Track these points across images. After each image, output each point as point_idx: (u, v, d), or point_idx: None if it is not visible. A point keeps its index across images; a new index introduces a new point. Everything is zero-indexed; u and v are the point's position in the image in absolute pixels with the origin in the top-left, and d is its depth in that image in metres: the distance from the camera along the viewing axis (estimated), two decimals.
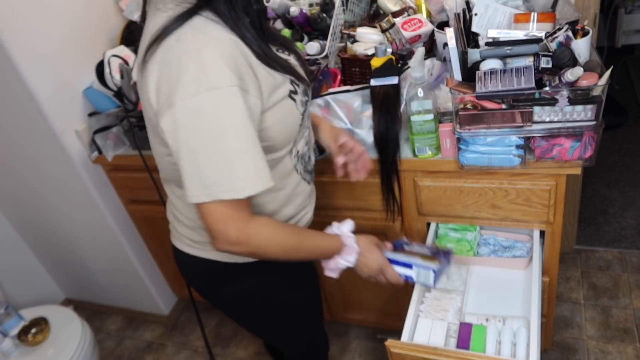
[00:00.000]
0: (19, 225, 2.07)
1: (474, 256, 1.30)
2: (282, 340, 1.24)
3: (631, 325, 1.71)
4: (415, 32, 1.35)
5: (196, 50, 0.73)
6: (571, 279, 1.94)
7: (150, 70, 0.78)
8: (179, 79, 0.73)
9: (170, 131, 0.76)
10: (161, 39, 0.76)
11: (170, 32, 0.76)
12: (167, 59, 0.75)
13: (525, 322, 1.12)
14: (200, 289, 1.10)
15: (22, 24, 1.41)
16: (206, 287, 1.08)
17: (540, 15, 1.10)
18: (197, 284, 1.10)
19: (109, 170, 1.71)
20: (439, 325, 1.14)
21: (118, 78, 1.52)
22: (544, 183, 1.16)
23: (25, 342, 1.62)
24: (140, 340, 2.15)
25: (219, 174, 0.76)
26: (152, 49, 0.77)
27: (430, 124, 1.14)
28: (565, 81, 0.97)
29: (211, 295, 1.09)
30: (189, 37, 0.75)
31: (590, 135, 1.02)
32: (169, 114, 0.75)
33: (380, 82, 1.18)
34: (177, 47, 0.75)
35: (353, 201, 1.40)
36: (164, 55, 0.76)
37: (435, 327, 1.14)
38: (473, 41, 1.17)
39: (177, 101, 0.73)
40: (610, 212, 2.19)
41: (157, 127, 0.80)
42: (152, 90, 0.78)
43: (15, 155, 1.72)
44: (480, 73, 1.05)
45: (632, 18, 2.92)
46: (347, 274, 1.68)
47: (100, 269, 2.06)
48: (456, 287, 1.25)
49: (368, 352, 1.84)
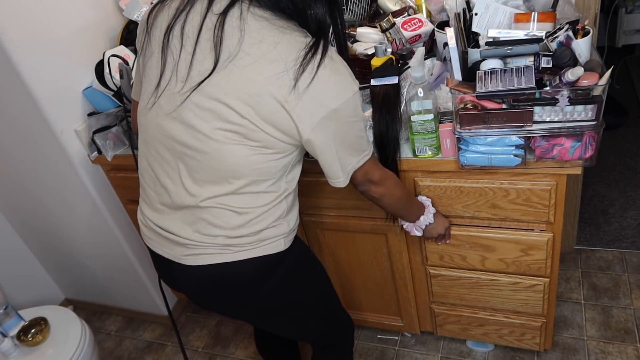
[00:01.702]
0: (19, 225, 2.07)
1: None
2: (316, 321, 1.27)
3: (631, 326, 1.71)
4: (416, 32, 1.35)
5: (341, 67, 0.90)
6: (571, 279, 1.94)
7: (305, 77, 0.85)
8: (337, 87, 0.88)
9: (323, 132, 0.90)
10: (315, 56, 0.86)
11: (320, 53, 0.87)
12: (326, 75, 0.86)
13: None
14: (239, 297, 1.09)
15: (22, 23, 1.40)
16: (251, 290, 1.08)
17: (541, 15, 1.10)
18: (238, 290, 1.08)
19: (109, 170, 1.71)
20: None
21: (118, 78, 1.52)
22: (544, 183, 1.16)
23: (25, 343, 1.62)
24: (140, 340, 2.15)
25: (361, 147, 0.99)
26: (305, 63, 0.85)
27: (430, 123, 1.14)
28: (565, 81, 0.97)
29: (255, 296, 1.09)
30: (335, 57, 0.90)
31: (590, 135, 1.02)
32: (326, 118, 0.88)
33: (380, 82, 1.18)
34: (330, 66, 0.87)
35: (353, 201, 1.40)
36: (325, 70, 0.86)
37: None
38: (473, 41, 1.17)
39: (336, 105, 0.88)
40: (610, 212, 2.19)
41: (293, 124, 0.88)
42: (302, 93, 0.86)
43: (15, 155, 1.72)
44: (480, 73, 1.05)
45: (633, 18, 2.92)
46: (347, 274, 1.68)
47: (100, 269, 2.06)
48: None
49: (368, 352, 1.84)
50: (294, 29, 0.88)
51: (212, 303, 1.15)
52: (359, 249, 1.55)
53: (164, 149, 0.96)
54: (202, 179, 0.95)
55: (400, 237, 1.44)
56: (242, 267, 1.02)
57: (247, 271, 1.04)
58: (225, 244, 1.00)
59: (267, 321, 1.22)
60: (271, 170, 0.96)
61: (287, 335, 1.41)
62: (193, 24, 0.88)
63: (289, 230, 1.06)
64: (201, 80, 0.87)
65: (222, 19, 0.86)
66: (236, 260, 1.02)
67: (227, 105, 0.87)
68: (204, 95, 0.88)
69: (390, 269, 1.56)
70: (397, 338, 1.86)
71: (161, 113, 0.93)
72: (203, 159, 0.93)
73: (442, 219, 1.30)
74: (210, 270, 1.02)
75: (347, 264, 1.62)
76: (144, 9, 1.60)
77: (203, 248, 1.01)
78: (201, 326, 2.13)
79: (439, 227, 1.29)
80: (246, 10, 0.86)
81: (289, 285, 1.11)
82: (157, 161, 0.99)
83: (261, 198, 0.98)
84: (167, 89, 0.91)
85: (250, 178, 0.95)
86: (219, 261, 1.02)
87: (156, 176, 1.00)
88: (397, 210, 1.21)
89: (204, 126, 0.89)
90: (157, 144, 0.97)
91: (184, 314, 2.21)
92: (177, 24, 0.90)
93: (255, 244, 1.02)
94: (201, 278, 1.05)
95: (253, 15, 0.86)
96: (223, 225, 0.99)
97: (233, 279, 1.04)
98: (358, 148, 0.98)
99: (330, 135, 0.91)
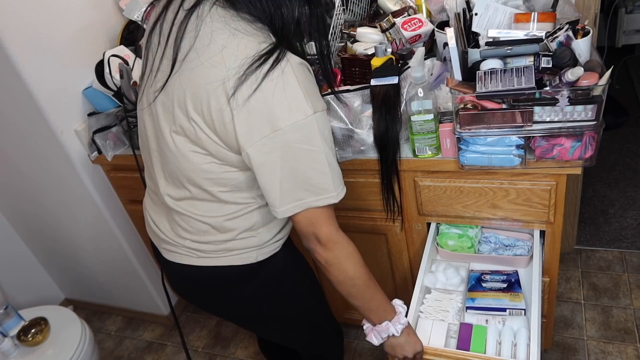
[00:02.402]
0: (19, 225, 2.07)
1: (474, 254, 1.30)
2: (299, 333, 1.25)
3: (631, 326, 1.71)
4: (416, 32, 1.35)
5: (297, 79, 0.79)
6: (571, 279, 1.94)
7: (246, 94, 0.78)
8: (283, 106, 0.78)
9: (264, 152, 0.80)
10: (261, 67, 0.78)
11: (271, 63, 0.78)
12: (269, 88, 0.78)
13: (525, 323, 1.12)
14: (213, 299, 1.10)
15: (22, 23, 1.40)
16: (221, 295, 1.07)
17: (541, 15, 1.10)
18: (211, 294, 1.08)
19: (109, 170, 1.71)
20: (439, 326, 1.14)
21: (118, 78, 1.52)
22: (544, 183, 1.16)
23: (25, 342, 1.62)
24: (140, 340, 2.15)
25: (318, 185, 0.85)
26: (249, 72, 0.78)
27: (430, 124, 1.14)
28: (565, 81, 0.97)
29: (227, 302, 1.08)
30: (290, 71, 0.79)
31: (590, 135, 1.02)
32: (269, 137, 0.79)
33: (380, 82, 1.18)
34: (278, 79, 0.78)
35: (353, 201, 1.40)
36: (269, 86, 0.78)
37: (436, 328, 1.14)
38: (473, 41, 1.17)
39: (282, 126, 0.78)
40: (610, 212, 2.19)
41: (235, 140, 0.81)
42: (241, 105, 0.78)
43: (15, 155, 1.72)
44: (480, 73, 1.05)
45: (633, 18, 2.92)
46: None
47: (100, 269, 2.06)
48: (456, 288, 1.25)
49: (368, 352, 1.84)
50: (251, 33, 0.80)
51: (194, 300, 1.16)
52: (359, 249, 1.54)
53: (153, 141, 0.97)
54: (170, 179, 0.96)
55: (400, 237, 1.44)
56: (209, 273, 1.02)
57: (213, 278, 1.03)
58: (193, 248, 1.00)
59: (246, 326, 1.22)
60: (230, 182, 0.90)
61: (271, 340, 1.41)
62: (167, 22, 0.87)
63: (260, 243, 1.01)
64: (164, 79, 0.86)
65: (188, 15, 0.82)
66: (202, 266, 1.01)
67: (179, 107, 0.84)
68: (166, 96, 0.87)
69: (390, 269, 1.56)
70: None
71: (144, 108, 0.95)
72: (167, 160, 0.93)
73: (415, 339, 1.04)
74: (184, 270, 1.03)
75: None
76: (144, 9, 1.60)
77: (177, 247, 1.02)
78: (201, 326, 2.13)
79: (407, 347, 1.03)
80: (208, 9, 0.81)
81: (264, 297, 1.08)
82: (149, 152, 1.00)
83: (224, 208, 0.95)
84: (147, 85, 0.93)
85: (207, 187, 0.91)
86: (187, 263, 1.02)
87: (152, 166, 1.01)
88: (349, 296, 0.97)
89: (165, 128, 0.89)
90: (147, 136, 0.98)
91: (184, 314, 2.21)
92: (158, 22, 0.90)
93: (221, 253, 0.99)
94: (180, 274, 1.06)
95: (214, 14, 0.81)
96: (189, 230, 0.99)
97: (202, 282, 1.05)
98: (312, 185, 0.84)
99: (274, 158, 0.81)
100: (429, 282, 1.27)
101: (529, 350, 1.04)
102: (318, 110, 0.81)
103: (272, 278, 1.07)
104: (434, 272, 1.29)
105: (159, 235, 1.06)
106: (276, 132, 0.79)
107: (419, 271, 1.27)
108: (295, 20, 0.81)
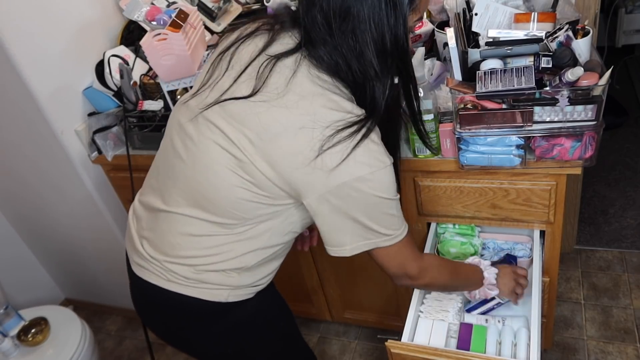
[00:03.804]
0: (19, 225, 2.07)
1: None
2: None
3: (631, 326, 1.71)
4: (415, 32, 1.35)
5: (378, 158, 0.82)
6: (571, 279, 1.94)
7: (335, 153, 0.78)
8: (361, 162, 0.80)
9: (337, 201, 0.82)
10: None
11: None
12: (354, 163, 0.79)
13: (525, 323, 1.12)
14: (174, 329, 1.04)
15: (22, 23, 1.40)
16: (186, 328, 1.01)
17: (541, 15, 1.09)
18: (174, 323, 1.02)
19: (109, 170, 1.71)
20: (440, 326, 1.14)
21: (118, 78, 1.52)
22: (544, 183, 1.16)
23: (25, 342, 1.62)
24: (140, 340, 2.15)
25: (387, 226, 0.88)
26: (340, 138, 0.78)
27: (430, 123, 1.14)
28: (565, 81, 0.97)
29: (191, 337, 1.02)
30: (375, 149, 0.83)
31: (590, 135, 1.02)
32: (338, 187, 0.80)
33: None
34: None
35: None
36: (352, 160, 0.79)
37: (436, 328, 1.14)
38: (473, 41, 1.17)
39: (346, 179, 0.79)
40: (610, 212, 2.19)
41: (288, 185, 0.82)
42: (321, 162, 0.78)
43: (15, 155, 1.72)
44: (480, 73, 1.05)
45: (633, 18, 2.91)
46: (347, 274, 1.67)
47: (100, 269, 2.06)
48: None
49: (368, 352, 1.84)
50: (339, 94, 0.81)
51: (155, 326, 1.09)
52: None
53: (177, 140, 0.92)
54: (184, 194, 0.90)
55: None
56: (176, 301, 0.95)
57: (179, 308, 0.97)
58: (164, 267, 0.94)
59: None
60: (258, 219, 0.88)
61: None
62: (242, 56, 0.87)
63: (238, 285, 0.95)
64: (232, 97, 0.83)
65: (274, 61, 0.82)
66: (170, 290, 0.94)
67: (237, 130, 0.82)
68: (225, 113, 0.84)
69: None
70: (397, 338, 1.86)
71: (185, 111, 0.92)
72: (190, 171, 0.88)
73: (508, 270, 1.16)
74: (149, 289, 0.97)
75: (347, 264, 1.62)
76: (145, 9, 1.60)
77: (145, 261, 0.96)
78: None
79: (507, 279, 1.14)
80: (302, 65, 0.81)
81: (230, 341, 1.03)
82: (166, 149, 0.96)
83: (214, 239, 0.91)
84: (200, 94, 0.89)
85: (226, 215, 0.87)
86: (154, 283, 0.95)
87: (165, 159, 0.96)
88: (446, 290, 1.17)
89: (205, 138, 0.85)
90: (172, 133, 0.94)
91: None
92: (230, 49, 0.89)
93: (192, 282, 0.93)
94: (143, 293, 1.01)
95: (306, 71, 0.81)
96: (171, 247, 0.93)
97: (168, 307, 0.98)
98: (384, 224, 0.87)
99: (343, 204, 0.82)
100: None
101: (529, 350, 1.04)
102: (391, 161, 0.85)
103: (244, 327, 1.02)
104: None
105: (135, 247, 0.99)
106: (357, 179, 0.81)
107: None
108: (386, 98, 0.84)
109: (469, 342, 1.08)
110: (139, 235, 0.99)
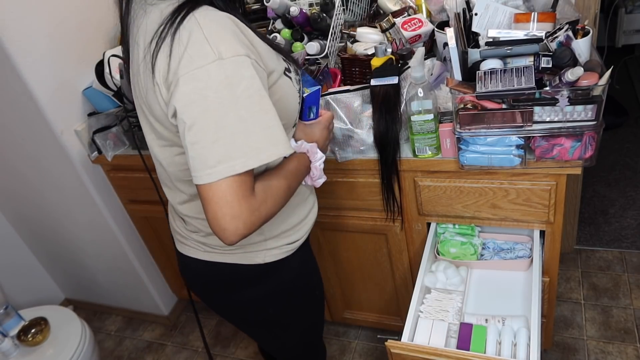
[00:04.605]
0: (19, 225, 2.07)
1: (476, 260, 1.30)
2: (294, 346, 1.21)
3: (631, 326, 1.71)
4: (415, 32, 1.35)
5: (201, 27, 0.72)
6: (571, 279, 1.94)
7: (160, 60, 0.74)
8: (188, 55, 0.71)
9: (182, 107, 0.72)
10: (167, 32, 0.73)
11: (176, 23, 0.73)
12: (178, 45, 0.72)
13: (525, 323, 1.12)
14: (220, 297, 1.06)
15: (21, 23, 1.40)
16: (229, 294, 1.03)
17: (541, 15, 1.10)
18: (218, 290, 1.04)
19: (109, 170, 1.71)
20: (439, 326, 1.14)
21: (118, 78, 1.52)
22: (544, 183, 1.16)
23: (25, 342, 1.62)
24: (140, 340, 2.15)
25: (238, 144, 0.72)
26: (159, 42, 0.74)
27: (430, 124, 1.14)
28: (565, 81, 0.97)
29: (233, 300, 1.04)
30: (194, 22, 0.72)
31: (590, 135, 1.02)
32: (179, 90, 0.71)
33: (380, 82, 1.18)
34: (184, 34, 0.72)
35: (353, 201, 1.40)
36: (176, 44, 0.72)
37: (436, 328, 1.14)
38: (473, 41, 1.17)
39: (184, 74, 0.70)
40: (610, 212, 2.19)
41: (168, 116, 0.77)
42: (161, 77, 0.74)
43: (15, 155, 1.72)
44: (480, 73, 1.05)
45: (633, 18, 2.92)
46: (347, 274, 1.67)
47: (100, 269, 2.06)
48: (456, 288, 1.25)
49: (368, 352, 1.84)
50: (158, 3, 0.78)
51: (203, 295, 1.10)
52: (359, 249, 1.55)
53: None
54: (165, 185, 0.98)
55: (401, 237, 1.44)
56: (216, 269, 0.99)
57: (221, 274, 1.00)
58: (199, 241, 0.98)
59: (247, 329, 1.17)
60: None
61: (263, 345, 1.38)
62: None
63: (267, 244, 0.96)
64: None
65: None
66: (209, 261, 0.98)
67: (143, 103, 0.84)
68: (139, 92, 0.86)
69: (390, 269, 1.56)
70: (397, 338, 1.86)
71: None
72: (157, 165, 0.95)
73: (313, 127, 0.99)
74: (193, 263, 1.01)
75: (347, 264, 1.62)
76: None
77: (184, 238, 1.02)
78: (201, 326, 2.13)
79: (317, 128, 0.99)
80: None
81: (273, 302, 1.04)
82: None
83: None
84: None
85: (184, 181, 0.89)
86: (194, 256, 1.00)
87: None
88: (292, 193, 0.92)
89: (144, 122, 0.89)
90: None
91: (184, 314, 2.21)
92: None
93: (227, 249, 0.95)
94: (189, 268, 1.04)
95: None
96: (195, 230, 0.97)
97: (209, 277, 1.02)
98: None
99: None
100: (429, 281, 1.27)
101: (529, 350, 1.04)
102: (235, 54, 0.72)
103: (287, 287, 1.03)
104: (434, 271, 1.29)
105: (172, 226, 1.07)
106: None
107: (419, 271, 1.26)
108: None
109: (469, 342, 1.08)
110: (176, 217, 1.03)
